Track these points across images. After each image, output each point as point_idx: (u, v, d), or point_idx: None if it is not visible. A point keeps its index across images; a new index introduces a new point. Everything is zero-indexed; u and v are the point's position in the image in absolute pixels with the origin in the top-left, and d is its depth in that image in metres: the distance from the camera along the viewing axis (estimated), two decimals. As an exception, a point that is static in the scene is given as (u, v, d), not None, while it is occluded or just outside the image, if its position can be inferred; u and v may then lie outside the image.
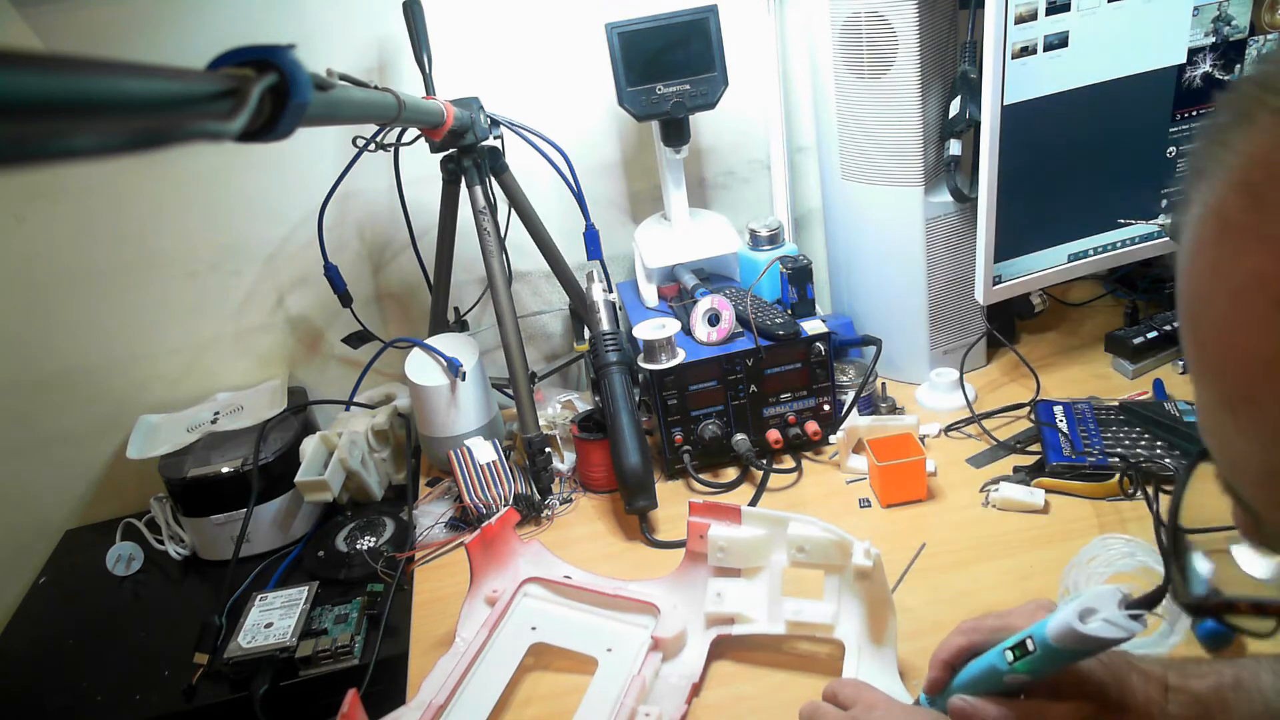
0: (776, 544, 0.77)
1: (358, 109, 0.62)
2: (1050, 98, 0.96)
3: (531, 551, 0.88)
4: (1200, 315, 0.29)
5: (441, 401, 1.05)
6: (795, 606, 0.75)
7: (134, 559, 1.09)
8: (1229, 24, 0.98)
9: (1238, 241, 0.27)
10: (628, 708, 0.69)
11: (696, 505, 0.79)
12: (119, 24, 1.05)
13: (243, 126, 0.35)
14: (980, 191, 0.98)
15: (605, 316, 1.01)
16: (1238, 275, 0.27)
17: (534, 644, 0.79)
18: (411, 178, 1.14)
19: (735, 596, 0.77)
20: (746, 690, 0.74)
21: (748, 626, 0.76)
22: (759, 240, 1.15)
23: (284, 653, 0.87)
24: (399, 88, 0.72)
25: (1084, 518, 0.86)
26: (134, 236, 1.15)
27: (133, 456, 1.10)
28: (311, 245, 1.15)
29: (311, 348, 1.27)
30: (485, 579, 0.84)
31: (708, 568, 0.79)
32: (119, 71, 0.27)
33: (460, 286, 1.24)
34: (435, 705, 0.72)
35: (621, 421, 0.95)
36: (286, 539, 1.08)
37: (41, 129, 0.24)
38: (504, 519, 0.86)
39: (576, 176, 1.11)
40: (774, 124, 1.22)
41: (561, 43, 1.17)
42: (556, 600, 0.84)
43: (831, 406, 1.03)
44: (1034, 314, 1.20)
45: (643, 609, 0.80)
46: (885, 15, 0.97)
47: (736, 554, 0.77)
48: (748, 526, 0.77)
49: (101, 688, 0.90)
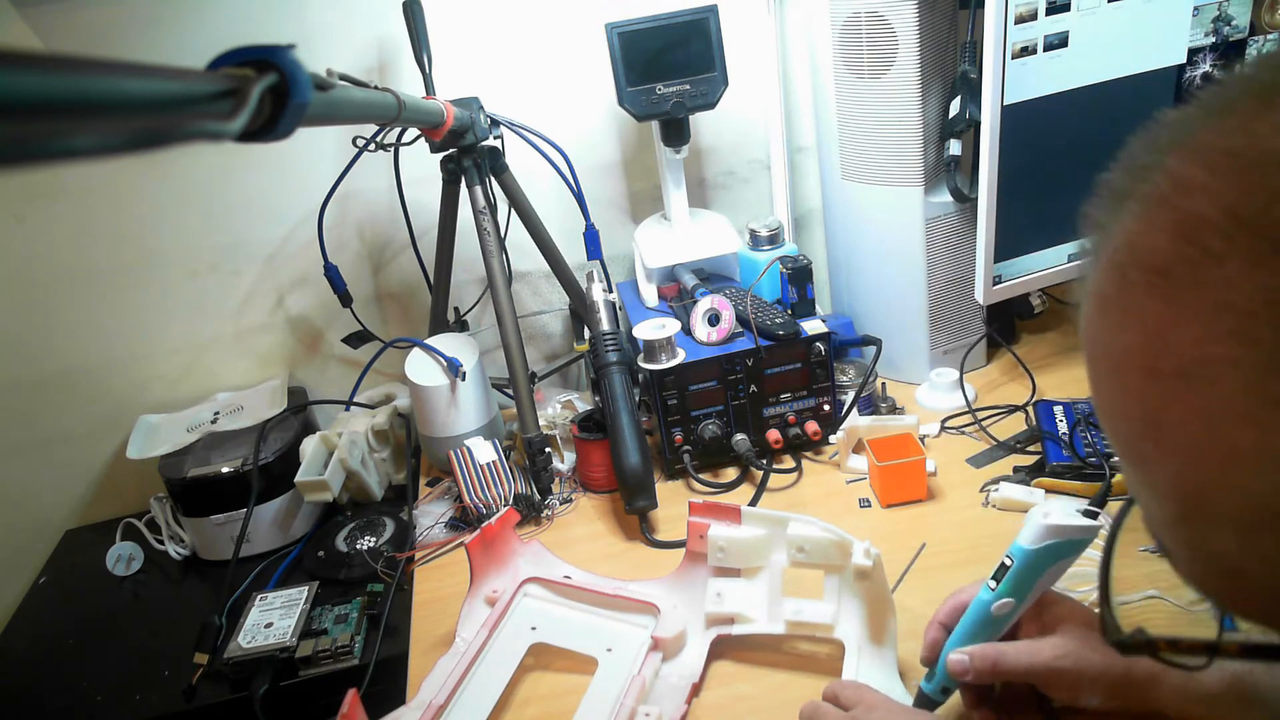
0: (776, 544, 0.77)
1: (358, 109, 0.62)
2: (1050, 98, 0.96)
3: (531, 551, 0.88)
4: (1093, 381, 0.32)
5: (441, 401, 1.05)
6: (795, 606, 0.75)
7: (134, 559, 1.09)
8: (1229, 24, 0.98)
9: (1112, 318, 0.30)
10: (628, 708, 0.69)
11: (696, 505, 0.79)
12: (119, 24, 1.05)
13: (243, 126, 0.35)
14: (980, 191, 0.98)
15: (605, 316, 1.01)
16: (1115, 349, 0.30)
17: (534, 644, 0.79)
18: (411, 178, 1.14)
19: (735, 596, 0.77)
20: (746, 690, 0.74)
21: (747, 626, 0.76)
22: (759, 240, 1.15)
23: (284, 653, 0.87)
24: (399, 88, 0.72)
25: (1084, 518, 0.86)
26: (134, 236, 1.15)
27: (133, 456, 1.10)
28: (311, 245, 1.15)
29: (311, 348, 1.27)
30: (485, 579, 0.84)
31: (708, 568, 0.79)
32: (119, 71, 0.27)
33: (460, 286, 1.24)
34: (435, 705, 0.71)
35: (621, 421, 0.95)
36: (286, 539, 1.08)
37: (41, 129, 0.24)
38: (504, 519, 0.86)
39: (576, 176, 1.11)
40: (774, 124, 1.22)
41: (561, 43, 1.17)
42: (556, 600, 0.84)
43: (831, 406, 1.03)
44: (1034, 314, 1.20)
45: (643, 609, 0.80)
46: (885, 15, 0.97)
47: (736, 554, 0.77)
48: (747, 526, 0.77)
49: (101, 688, 0.90)
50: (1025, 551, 0.59)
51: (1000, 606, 0.60)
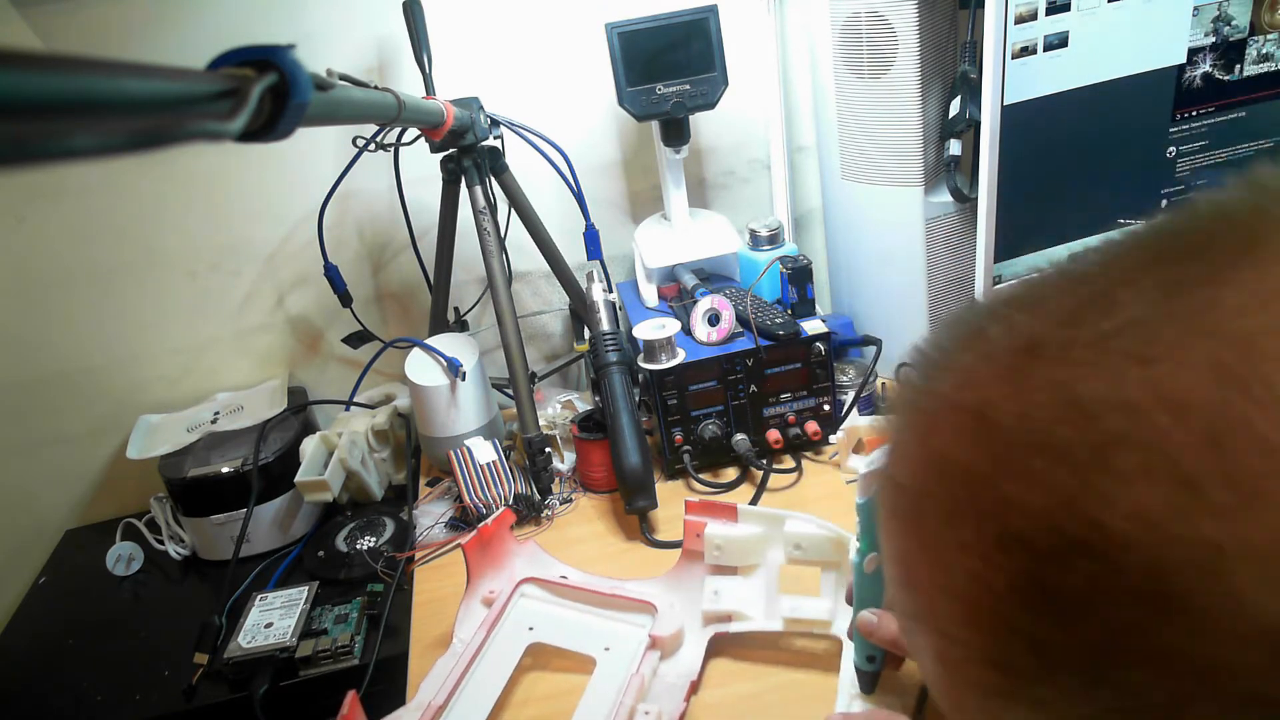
0: (773, 541, 0.77)
1: (358, 109, 0.62)
2: (1050, 98, 0.96)
3: (528, 551, 0.88)
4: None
5: (441, 401, 1.05)
6: (792, 603, 0.75)
7: (134, 559, 1.09)
8: (1229, 24, 0.98)
9: (890, 525, 0.29)
10: (626, 706, 0.69)
11: (692, 504, 0.79)
12: (119, 24, 1.05)
13: (243, 126, 0.34)
14: (980, 191, 0.98)
15: (605, 316, 1.01)
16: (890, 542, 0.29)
17: (531, 644, 0.79)
18: (411, 178, 1.14)
19: (732, 594, 0.77)
20: (744, 688, 0.74)
21: (745, 624, 0.76)
22: (759, 240, 1.15)
23: (284, 653, 0.87)
24: (399, 88, 0.72)
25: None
26: (134, 236, 1.15)
27: (133, 456, 1.10)
28: (311, 245, 1.15)
29: (311, 348, 1.27)
30: (482, 579, 0.84)
31: (704, 566, 0.79)
32: (119, 71, 0.27)
33: (460, 286, 1.24)
34: (434, 706, 0.71)
35: (621, 421, 0.95)
36: (286, 539, 1.08)
37: (41, 129, 0.24)
38: (500, 519, 0.86)
39: (576, 176, 1.11)
40: (774, 124, 1.22)
41: (561, 43, 1.17)
42: (553, 600, 0.84)
43: (831, 406, 1.03)
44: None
45: (640, 608, 0.80)
46: (885, 15, 0.97)
47: (733, 552, 0.77)
48: (744, 524, 0.77)
49: (101, 688, 0.90)
50: (860, 504, 0.62)
51: (869, 562, 0.63)
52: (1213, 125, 1.04)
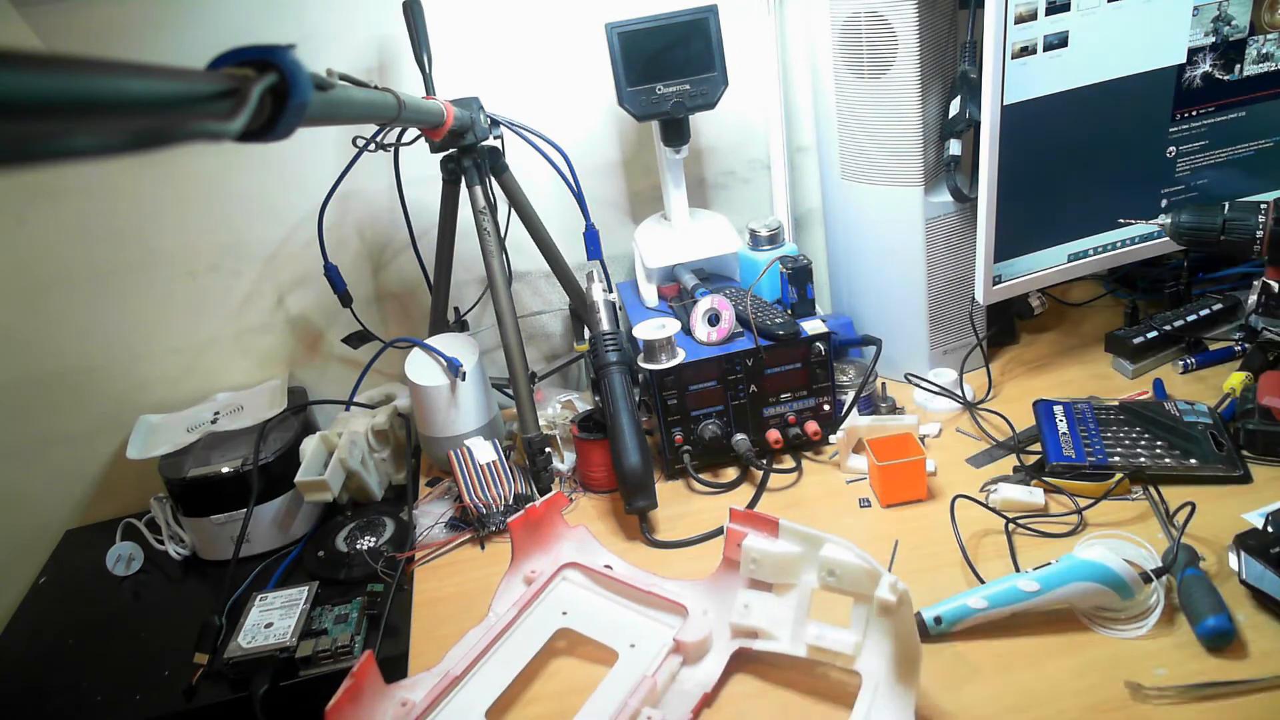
0: (809, 563, 0.74)
1: (358, 109, 0.62)
2: (1050, 98, 0.96)
3: (577, 536, 0.89)
4: None
5: (441, 401, 1.05)
6: (818, 631, 0.72)
7: (134, 559, 1.09)
8: (1229, 24, 0.98)
9: None
10: (631, 709, 0.69)
11: (737, 513, 0.77)
12: (119, 24, 1.05)
13: (243, 126, 0.35)
14: (980, 191, 0.98)
15: (605, 316, 1.01)
16: None
17: (561, 628, 0.80)
18: (411, 178, 1.14)
19: (762, 610, 0.76)
20: (756, 708, 0.72)
21: (769, 644, 0.74)
22: (759, 240, 1.15)
23: (284, 653, 0.87)
24: (399, 88, 0.72)
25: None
26: (134, 236, 1.15)
27: (133, 456, 1.10)
28: (311, 245, 1.15)
29: (311, 348, 1.27)
30: (527, 558, 0.86)
31: (741, 578, 0.77)
32: (119, 71, 0.27)
33: (460, 286, 1.24)
34: (453, 675, 0.73)
35: (621, 421, 0.95)
36: (286, 539, 1.08)
37: (41, 129, 0.24)
38: (551, 501, 0.88)
39: (576, 176, 1.11)
40: (774, 124, 1.22)
41: (561, 43, 1.17)
42: (592, 588, 0.85)
43: (831, 406, 1.03)
44: (1034, 314, 1.20)
45: (672, 609, 0.80)
46: (885, 15, 0.97)
47: (768, 568, 0.75)
48: (783, 541, 0.75)
49: (101, 688, 0.90)
50: (1069, 556, 0.74)
51: (1026, 584, 0.73)
52: (1213, 125, 1.04)
